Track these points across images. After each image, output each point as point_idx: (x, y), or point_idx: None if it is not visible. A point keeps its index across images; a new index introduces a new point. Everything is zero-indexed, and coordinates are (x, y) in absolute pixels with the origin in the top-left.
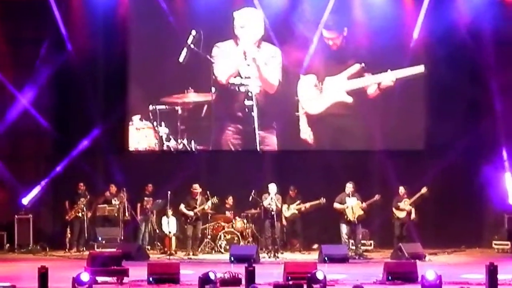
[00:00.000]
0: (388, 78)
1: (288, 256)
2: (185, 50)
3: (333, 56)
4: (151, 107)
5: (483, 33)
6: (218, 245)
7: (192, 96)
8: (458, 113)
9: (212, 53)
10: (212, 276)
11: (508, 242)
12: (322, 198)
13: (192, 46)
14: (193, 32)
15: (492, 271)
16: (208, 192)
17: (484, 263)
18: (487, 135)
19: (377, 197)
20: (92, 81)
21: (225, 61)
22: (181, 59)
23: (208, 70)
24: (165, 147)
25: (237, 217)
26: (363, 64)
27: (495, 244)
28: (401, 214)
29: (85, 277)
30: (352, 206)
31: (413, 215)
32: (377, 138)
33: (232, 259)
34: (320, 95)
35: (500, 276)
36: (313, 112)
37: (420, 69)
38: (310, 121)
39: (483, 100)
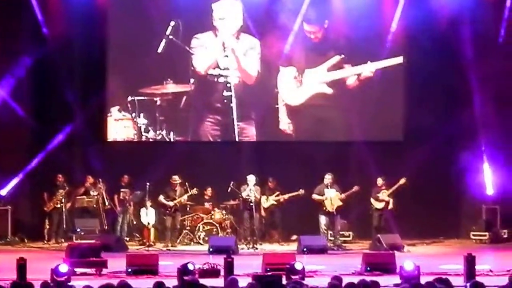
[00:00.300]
0: (368, 69)
1: (267, 247)
2: (164, 41)
3: (313, 47)
4: (129, 98)
5: (462, 23)
6: (197, 236)
7: (171, 87)
8: (437, 103)
9: (191, 45)
10: (191, 267)
11: (486, 233)
12: (301, 189)
13: (171, 37)
14: (172, 23)
15: (470, 262)
16: (187, 183)
17: (462, 254)
18: (466, 126)
19: (356, 188)
20: (71, 72)
21: (204, 53)
22: (160, 50)
23: (187, 61)
24: (144, 138)
25: (216, 209)
26: (343, 56)
27: (473, 235)
28: (380, 205)
29: (64, 268)
30: (331, 197)
31: (391, 206)
32: (357, 129)
33: (211, 250)
34: (300, 86)
35: (478, 267)
36: (293, 103)
37: (399, 60)
38: (289, 113)
39: (462, 90)
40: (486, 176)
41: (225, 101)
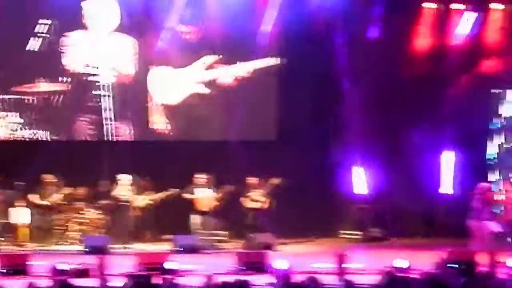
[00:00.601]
0: (244, 69)
1: (140, 246)
2: (35, 39)
3: (189, 47)
4: (1, 97)
5: (336, 24)
6: (70, 236)
7: (43, 86)
8: (311, 103)
9: (63, 43)
10: (64, 267)
11: (358, 232)
12: (175, 189)
13: (42, 35)
14: (44, 21)
15: (341, 260)
16: (61, 183)
17: (334, 253)
18: (339, 126)
19: (230, 187)
20: None
21: (76, 51)
22: (31, 48)
23: (59, 59)
24: (18, 137)
25: (90, 208)
26: (219, 56)
27: (345, 234)
28: (254, 205)
29: None
30: (205, 196)
31: (265, 205)
32: (232, 128)
33: (85, 249)
34: (176, 86)
35: (350, 265)
36: (169, 103)
37: (275, 60)
38: (165, 112)
39: (335, 90)
40: (358, 176)
41: (100, 100)
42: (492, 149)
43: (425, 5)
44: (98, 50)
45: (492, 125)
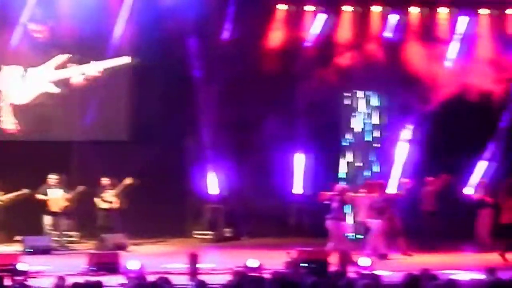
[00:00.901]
0: (95, 68)
1: None
2: None
3: (41, 46)
4: None
5: (190, 25)
6: None
7: None
8: (164, 103)
9: None
10: None
11: (210, 232)
12: (25, 189)
13: None
14: None
15: (193, 260)
16: None
17: (186, 253)
18: (191, 126)
19: (81, 188)
20: None
21: None
22: None
23: None
24: None
25: None
26: (69, 55)
27: (197, 234)
28: (106, 205)
29: None
30: (56, 197)
31: (117, 206)
32: (83, 128)
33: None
34: (25, 85)
35: (202, 265)
36: (19, 102)
37: (126, 59)
38: (15, 112)
39: (187, 91)
40: (211, 175)
41: None
42: (342, 167)
43: (278, 6)
44: None
45: (344, 141)
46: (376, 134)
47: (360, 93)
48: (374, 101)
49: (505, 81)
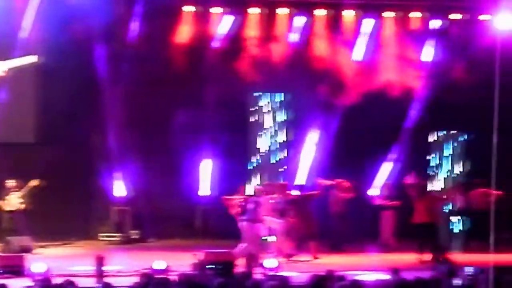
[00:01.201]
0: (0, 68)
1: None
2: None
3: None
4: None
5: (96, 25)
6: None
7: None
8: (70, 104)
9: None
10: None
11: (116, 234)
12: None
13: None
14: None
15: (99, 263)
16: None
17: (93, 255)
18: (99, 129)
19: None
20: None
21: None
22: None
23: None
24: None
25: None
26: None
27: (104, 236)
28: (11, 207)
29: None
30: None
31: (23, 208)
32: None
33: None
34: None
35: (108, 267)
36: None
37: (33, 59)
38: None
39: (95, 90)
40: (117, 177)
41: None
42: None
43: (184, 8)
44: None
45: (250, 164)
46: (284, 132)
47: (267, 93)
48: (281, 101)
49: (409, 80)
